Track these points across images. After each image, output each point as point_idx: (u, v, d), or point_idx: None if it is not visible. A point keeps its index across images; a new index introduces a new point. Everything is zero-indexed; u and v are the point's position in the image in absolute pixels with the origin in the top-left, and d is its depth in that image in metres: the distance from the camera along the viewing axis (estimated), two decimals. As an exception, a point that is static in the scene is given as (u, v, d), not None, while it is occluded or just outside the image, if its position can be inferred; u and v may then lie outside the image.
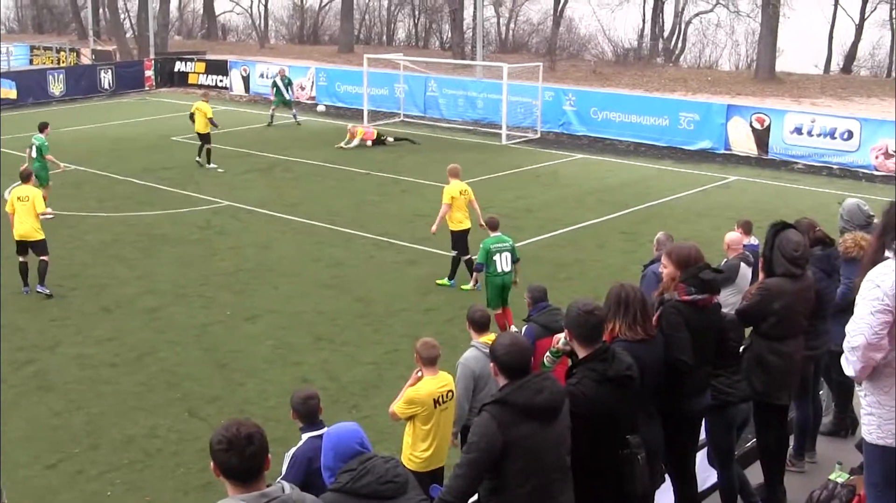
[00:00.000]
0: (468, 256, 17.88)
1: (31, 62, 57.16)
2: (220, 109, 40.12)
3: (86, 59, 54.21)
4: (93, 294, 17.97)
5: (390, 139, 32.68)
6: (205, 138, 28.90)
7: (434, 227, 18.18)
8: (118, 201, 24.90)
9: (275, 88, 37.19)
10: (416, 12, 71.94)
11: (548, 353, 6.97)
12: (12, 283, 18.08)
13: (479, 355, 9.46)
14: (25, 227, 17.73)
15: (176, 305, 17.35)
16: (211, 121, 28.71)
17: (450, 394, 9.22)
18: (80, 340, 15.80)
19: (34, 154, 23.31)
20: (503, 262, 15.48)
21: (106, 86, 46.27)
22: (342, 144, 32.14)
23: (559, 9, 59.93)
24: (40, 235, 17.86)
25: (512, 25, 67.42)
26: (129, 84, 46.95)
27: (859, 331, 5.89)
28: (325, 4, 75.43)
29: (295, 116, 37.10)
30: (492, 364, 6.06)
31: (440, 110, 37.60)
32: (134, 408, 13.35)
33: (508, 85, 33.64)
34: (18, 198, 17.75)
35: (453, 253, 18.14)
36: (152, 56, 51.13)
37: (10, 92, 42.97)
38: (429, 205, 24.11)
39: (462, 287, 18.03)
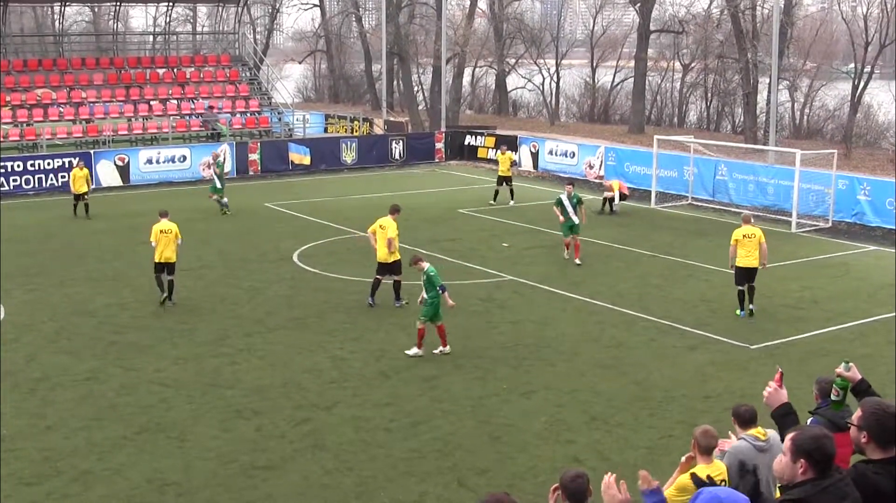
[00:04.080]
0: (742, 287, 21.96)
1: (325, 130, 60.63)
2: (508, 184, 41.43)
3: (378, 130, 56.97)
4: (373, 359, 19.04)
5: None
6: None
7: (730, 265, 22.17)
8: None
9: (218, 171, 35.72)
10: (709, 95, 71.70)
11: (835, 385, 7.20)
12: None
13: (747, 447, 9.53)
14: (381, 253, 22.40)
15: (453, 375, 18.13)
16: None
17: (723, 483, 9.27)
18: (357, 403, 16.78)
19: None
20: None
21: (397, 156, 48.70)
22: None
23: (857, 95, 58.28)
24: (396, 257, 22.57)
25: (807, 111, 65.92)
26: (419, 155, 49.26)
27: None
28: (617, 84, 76.41)
29: (224, 204, 35.14)
30: (802, 461, 6.00)
31: (729, 195, 37.29)
32: (404, 473, 14.06)
33: (801, 172, 33.12)
34: (381, 226, 22.68)
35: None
36: (443, 129, 53.33)
37: (304, 158, 46.00)
38: (715, 290, 24.07)
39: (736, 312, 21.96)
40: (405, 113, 66.88)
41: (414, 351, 19.18)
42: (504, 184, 37.41)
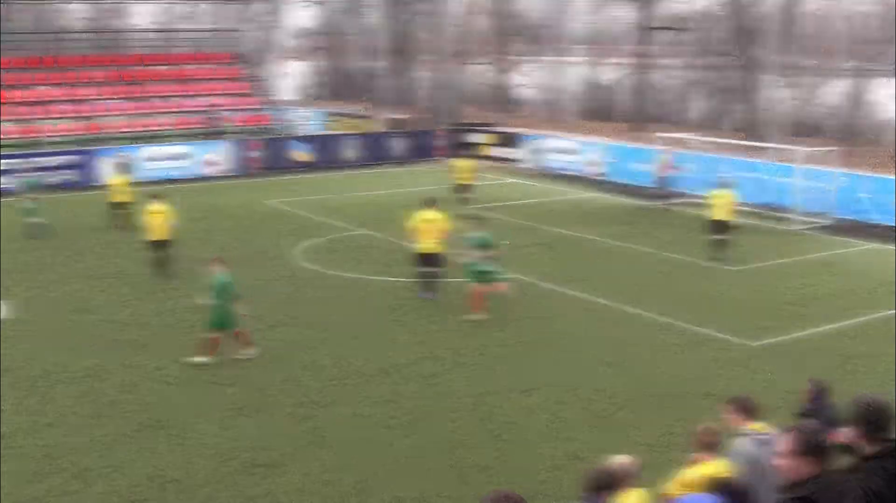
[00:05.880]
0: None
1: (326, 127, 60.50)
2: (509, 182, 41.48)
3: (380, 127, 56.82)
4: (373, 356, 18.96)
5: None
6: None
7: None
8: (403, 267, 26.05)
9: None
10: (710, 92, 71.63)
11: None
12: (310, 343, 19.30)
13: (754, 444, 9.44)
14: (426, 244, 22.90)
15: (454, 372, 18.10)
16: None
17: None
18: (357, 400, 16.74)
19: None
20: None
21: (398, 153, 48.50)
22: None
23: (858, 93, 58.29)
24: (441, 249, 23.02)
25: (808, 108, 65.92)
26: (420, 152, 49.11)
27: None
28: (618, 82, 76.23)
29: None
30: (811, 458, 6.00)
31: (730, 192, 37.21)
32: (405, 470, 14.02)
33: (802, 169, 33.05)
34: (426, 220, 23.01)
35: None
36: (444, 126, 53.17)
37: (306, 155, 45.85)
38: (716, 287, 24.05)
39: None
40: (406, 110, 66.83)
41: (200, 359, 18.46)
42: (463, 191, 35.79)
